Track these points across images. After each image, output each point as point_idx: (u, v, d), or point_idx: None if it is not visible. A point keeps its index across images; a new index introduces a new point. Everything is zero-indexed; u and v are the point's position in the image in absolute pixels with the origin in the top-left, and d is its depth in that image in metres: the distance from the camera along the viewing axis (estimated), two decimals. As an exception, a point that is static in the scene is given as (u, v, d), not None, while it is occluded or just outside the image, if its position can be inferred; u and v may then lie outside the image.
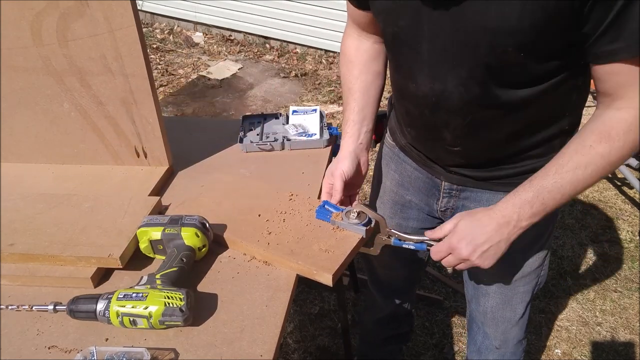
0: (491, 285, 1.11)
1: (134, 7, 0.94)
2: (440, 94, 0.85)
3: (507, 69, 0.78)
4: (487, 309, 1.15)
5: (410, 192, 1.13)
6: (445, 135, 0.92)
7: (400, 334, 1.52)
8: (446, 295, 2.13)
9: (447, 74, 0.83)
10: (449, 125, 0.90)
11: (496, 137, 0.90)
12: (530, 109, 0.85)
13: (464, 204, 1.05)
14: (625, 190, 2.76)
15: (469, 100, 0.84)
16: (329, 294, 2.11)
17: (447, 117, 0.89)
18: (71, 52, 0.99)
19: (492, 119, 0.87)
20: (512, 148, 0.92)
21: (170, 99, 3.68)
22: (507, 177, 0.97)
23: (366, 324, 1.55)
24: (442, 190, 1.06)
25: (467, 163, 0.98)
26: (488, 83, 0.81)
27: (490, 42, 0.75)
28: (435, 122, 0.92)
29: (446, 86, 0.84)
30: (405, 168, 1.12)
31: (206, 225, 0.88)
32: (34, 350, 0.73)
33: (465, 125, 0.88)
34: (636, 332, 1.97)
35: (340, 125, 1.11)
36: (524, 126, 0.89)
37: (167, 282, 0.77)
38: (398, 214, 1.18)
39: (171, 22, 4.92)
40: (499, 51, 0.75)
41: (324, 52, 4.39)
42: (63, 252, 0.84)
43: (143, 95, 1.04)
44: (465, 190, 1.03)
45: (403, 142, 1.10)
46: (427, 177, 1.08)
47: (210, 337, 0.74)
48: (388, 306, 1.39)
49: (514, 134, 0.89)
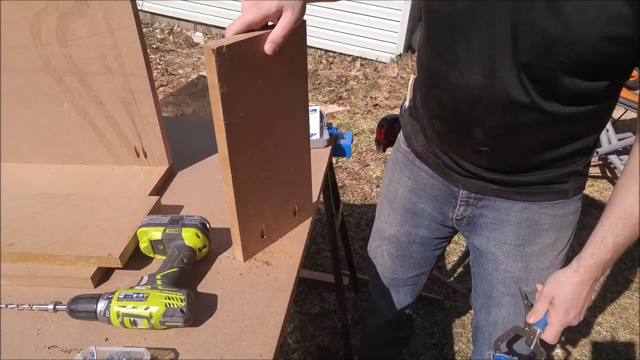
0: (505, 296, 1.10)
1: (133, 7, 0.94)
2: (484, 88, 0.81)
3: (555, 81, 0.76)
4: (499, 319, 1.13)
5: (424, 199, 1.11)
6: (476, 132, 0.88)
7: (401, 338, 1.52)
8: (446, 295, 2.13)
9: (498, 69, 0.78)
10: (484, 123, 0.86)
11: (527, 144, 0.88)
12: (570, 124, 0.84)
13: (482, 212, 1.03)
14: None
15: (513, 101, 0.80)
16: (329, 294, 2.11)
17: (485, 113, 0.85)
18: (71, 52, 0.99)
19: (530, 125, 0.84)
20: (540, 157, 0.90)
21: (170, 98, 3.68)
22: (525, 186, 0.95)
23: (367, 327, 1.54)
24: (460, 198, 1.03)
25: (490, 166, 0.95)
26: (535, 90, 0.78)
27: (549, 48, 0.72)
28: (470, 116, 0.87)
29: (494, 81, 0.80)
30: (420, 175, 1.09)
31: (207, 226, 0.88)
32: (34, 350, 0.73)
33: (502, 125, 0.85)
34: (636, 332, 1.97)
35: (340, 125, 1.10)
36: (559, 139, 0.87)
37: (168, 282, 0.77)
38: (409, 221, 1.16)
39: (171, 22, 4.92)
40: (550, 63, 0.73)
41: (324, 52, 4.39)
42: (63, 252, 0.84)
43: (143, 95, 1.04)
44: (483, 198, 1.01)
45: (419, 148, 1.07)
46: (443, 185, 1.05)
47: (210, 337, 0.74)
48: (390, 312, 1.38)
49: (546, 144, 0.88)
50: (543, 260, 1.03)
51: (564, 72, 0.74)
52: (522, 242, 1.02)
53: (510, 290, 1.08)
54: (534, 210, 0.98)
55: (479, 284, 1.16)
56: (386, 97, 3.73)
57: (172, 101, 3.65)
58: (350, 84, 4.05)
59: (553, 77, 0.75)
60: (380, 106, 3.58)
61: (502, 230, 1.03)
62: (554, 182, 0.95)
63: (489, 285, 1.12)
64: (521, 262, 1.04)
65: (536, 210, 0.98)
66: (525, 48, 0.74)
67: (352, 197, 2.69)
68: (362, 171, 2.89)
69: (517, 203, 0.98)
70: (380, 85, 3.90)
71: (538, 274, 1.04)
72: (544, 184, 0.95)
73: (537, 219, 0.99)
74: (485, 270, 1.11)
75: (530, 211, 0.98)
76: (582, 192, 1.00)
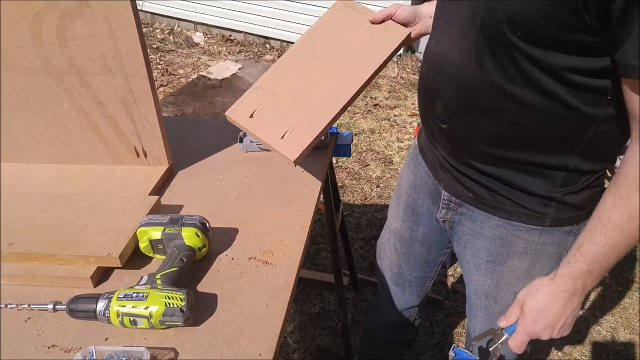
0: (479, 309, 1.09)
1: (134, 7, 0.94)
2: (446, 55, 0.83)
3: (500, 49, 0.73)
4: (475, 330, 1.13)
5: (421, 195, 1.12)
6: (438, 105, 0.89)
7: (403, 340, 1.51)
8: (446, 295, 2.13)
9: (459, 37, 0.80)
10: (442, 94, 0.87)
11: (484, 129, 0.84)
12: (534, 121, 0.79)
13: (460, 220, 1.02)
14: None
15: (466, 70, 0.80)
16: (329, 293, 2.11)
17: (444, 83, 0.85)
18: (71, 52, 0.99)
19: (486, 104, 0.81)
20: (498, 151, 0.85)
21: (171, 98, 3.68)
22: (498, 199, 0.92)
23: (369, 325, 1.54)
24: (442, 199, 1.04)
25: (452, 150, 0.93)
26: (490, 61, 0.76)
27: (488, 9, 0.72)
28: (434, 86, 0.89)
29: (453, 49, 0.81)
30: (419, 170, 1.10)
31: (206, 225, 0.88)
32: (34, 349, 0.73)
33: (456, 99, 0.84)
34: (636, 332, 1.97)
35: (340, 125, 1.11)
36: (519, 136, 0.82)
37: (168, 282, 0.77)
38: (410, 217, 1.17)
39: (171, 22, 4.92)
40: (494, 24, 0.72)
41: (324, 52, 4.39)
42: (62, 252, 0.84)
43: (143, 95, 1.04)
44: (462, 205, 0.99)
45: (422, 142, 1.08)
46: (433, 183, 1.06)
47: (210, 337, 0.74)
48: (394, 311, 1.38)
49: (506, 137, 0.83)
50: (516, 284, 0.99)
51: (508, 39, 0.72)
52: (493, 260, 1.00)
53: (482, 303, 1.07)
54: (508, 230, 0.94)
55: (469, 294, 1.16)
56: (386, 97, 3.72)
57: (172, 101, 3.65)
58: (351, 84, 4.04)
59: (501, 44, 0.73)
60: (380, 106, 3.58)
61: (476, 243, 1.01)
62: (524, 205, 0.90)
63: (468, 293, 1.14)
64: (491, 278, 1.02)
65: (510, 230, 0.94)
66: (479, 13, 0.75)
67: (352, 197, 2.69)
68: (362, 171, 2.89)
69: (493, 218, 0.95)
70: (380, 85, 3.90)
71: (508, 295, 1.01)
72: (516, 202, 0.90)
73: (511, 239, 0.95)
74: (465, 279, 1.13)
75: (504, 230, 0.94)
76: (572, 226, 0.92)
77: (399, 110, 3.55)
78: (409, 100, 3.67)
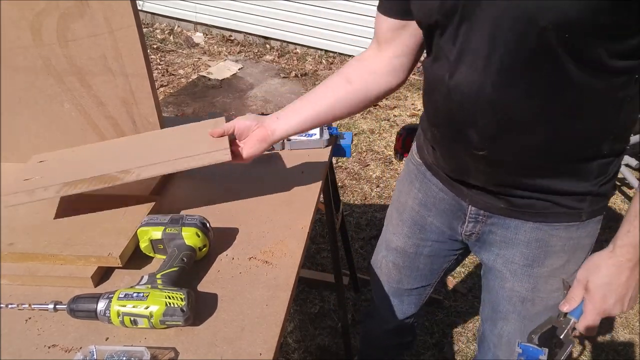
0: (512, 314, 1.06)
1: (134, 7, 0.94)
2: (470, 85, 0.78)
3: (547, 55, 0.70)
4: (504, 332, 1.10)
5: (433, 213, 1.08)
6: (471, 134, 0.84)
7: (403, 342, 1.51)
8: (446, 295, 2.13)
9: (480, 63, 0.76)
10: (476, 123, 0.82)
11: (526, 144, 0.82)
12: (572, 120, 0.78)
13: (491, 229, 0.99)
14: (625, 190, 2.76)
15: (499, 95, 0.77)
16: (329, 293, 2.11)
17: (476, 112, 0.81)
18: (71, 52, 0.99)
19: (524, 120, 0.79)
20: (542, 161, 0.85)
21: (171, 99, 3.69)
22: (535, 205, 0.91)
23: (367, 331, 1.53)
24: (469, 214, 1.00)
25: (490, 174, 0.90)
26: (519, 77, 0.74)
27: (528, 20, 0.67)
28: (462, 118, 0.84)
29: (478, 76, 0.77)
30: (431, 188, 1.06)
31: (207, 225, 0.88)
32: (34, 349, 0.73)
33: (495, 122, 0.80)
34: (636, 331, 1.97)
35: (340, 125, 1.10)
36: (560, 138, 0.81)
37: (168, 281, 0.77)
38: (417, 234, 1.13)
39: (171, 22, 4.92)
40: (533, 36, 0.68)
41: (324, 52, 4.39)
42: (62, 251, 0.84)
43: (143, 95, 1.04)
44: (492, 216, 0.97)
45: (430, 160, 1.03)
46: (452, 199, 1.02)
47: (211, 337, 0.74)
48: (393, 320, 1.36)
49: (546, 145, 0.82)
50: (552, 282, 0.98)
51: (549, 49, 0.69)
52: (530, 263, 0.98)
53: (516, 308, 1.04)
54: (545, 231, 0.93)
55: (486, 296, 1.13)
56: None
57: (172, 101, 3.65)
58: (350, 84, 4.04)
59: (541, 55, 0.71)
60: (380, 106, 3.58)
61: (510, 249, 0.99)
62: (564, 204, 0.89)
63: (495, 299, 1.09)
64: (528, 282, 1.00)
65: (547, 231, 0.93)
66: (503, 35, 0.71)
67: (352, 197, 2.69)
68: (362, 171, 2.89)
69: (527, 222, 0.93)
70: (380, 85, 3.90)
71: (546, 294, 1.00)
72: (554, 203, 0.89)
73: (548, 240, 0.94)
74: (492, 286, 1.08)
75: (541, 232, 0.93)
76: (601, 215, 0.94)
77: (399, 110, 3.55)
78: (408, 101, 3.67)
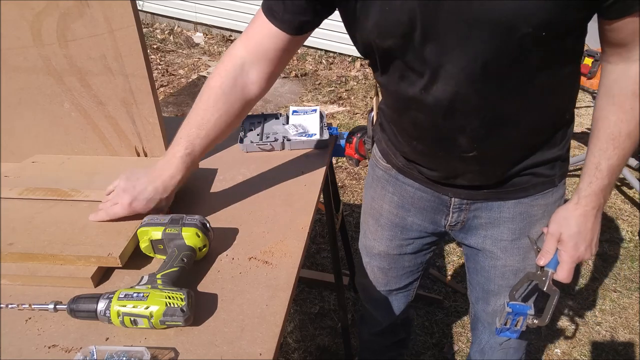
0: (504, 288, 1.10)
1: (134, 7, 0.94)
2: (452, 96, 0.79)
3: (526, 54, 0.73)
4: (498, 307, 1.14)
5: (412, 212, 1.10)
6: (461, 140, 0.87)
7: (399, 341, 1.52)
8: (446, 295, 2.13)
9: (463, 75, 0.76)
10: (464, 129, 0.85)
11: (513, 134, 0.86)
12: (545, 100, 0.83)
13: (475, 215, 1.04)
14: (625, 190, 2.76)
15: (484, 99, 0.79)
16: (329, 293, 2.11)
17: (463, 119, 0.83)
18: (71, 52, 1.00)
19: (512, 113, 0.83)
20: (525, 147, 0.91)
21: (171, 99, 3.69)
22: (516, 183, 0.96)
23: (364, 335, 1.54)
24: (452, 206, 1.04)
25: (482, 173, 0.94)
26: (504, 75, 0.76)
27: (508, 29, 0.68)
28: (449, 127, 0.85)
29: (459, 87, 0.78)
30: (406, 189, 1.08)
31: (207, 226, 0.88)
32: (34, 349, 0.73)
33: (483, 125, 0.84)
34: (636, 331, 1.97)
35: (340, 126, 1.11)
36: (538, 114, 0.85)
37: (168, 282, 0.77)
38: (398, 236, 1.15)
39: (171, 22, 4.92)
40: (517, 37, 0.69)
41: (324, 52, 4.39)
42: (62, 251, 0.84)
43: (143, 95, 1.04)
44: (475, 202, 1.01)
45: (400, 164, 1.06)
46: (432, 196, 1.05)
47: (211, 337, 0.74)
48: (386, 319, 1.38)
49: (528, 131, 0.87)
50: None
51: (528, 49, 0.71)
52: (517, 236, 1.03)
53: (508, 282, 1.09)
54: (526, 204, 0.99)
55: (474, 278, 1.17)
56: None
57: (172, 101, 3.65)
58: (350, 84, 4.05)
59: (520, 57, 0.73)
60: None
61: (497, 228, 1.04)
62: (541, 174, 0.96)
63: (486, 280, 1.13)
64: (518, 254, 1.05)
65: (528, 203, 0.99)
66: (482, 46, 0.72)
67: (352, 197, 2.69)
68: (362, 171, 2.89)
69: (508, 202, 0.99)
70: (380, 85, 3.90)
71: (534, 261, 1.03)
72: (533, 175, 0.96)
73: (530, 210, 1.00)
74: (482, 267, 1.12)
75: (523, 205, 1.00)
76: (565, 177, 1.02)
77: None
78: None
